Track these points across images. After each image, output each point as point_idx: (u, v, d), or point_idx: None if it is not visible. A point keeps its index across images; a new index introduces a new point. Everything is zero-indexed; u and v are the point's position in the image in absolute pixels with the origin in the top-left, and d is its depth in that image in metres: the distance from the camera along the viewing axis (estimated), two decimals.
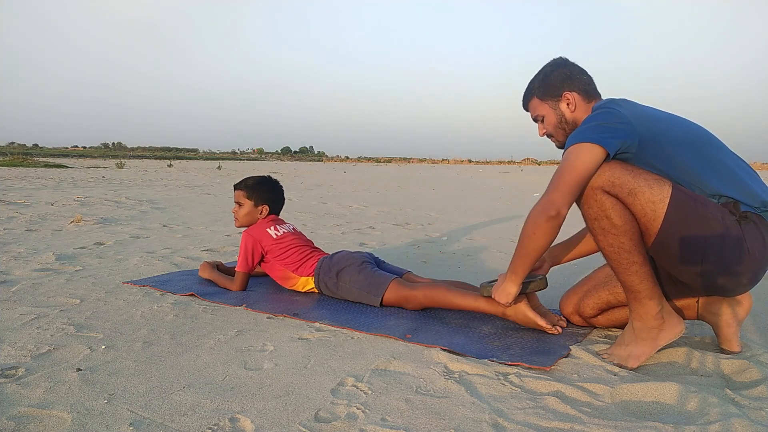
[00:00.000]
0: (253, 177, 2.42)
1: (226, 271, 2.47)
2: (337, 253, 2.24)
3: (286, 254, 2.26)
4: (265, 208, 2.37)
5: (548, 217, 1.44)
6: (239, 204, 2.37)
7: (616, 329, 1.81)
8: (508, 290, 1.64)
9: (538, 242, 1.49)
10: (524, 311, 1.72)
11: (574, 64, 1.65)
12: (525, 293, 1.73)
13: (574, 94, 1.61)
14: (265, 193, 2.39)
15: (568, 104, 1.62)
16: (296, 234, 2.38)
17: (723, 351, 1.59)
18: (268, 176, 2.46)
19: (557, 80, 1.63)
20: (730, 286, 1.47)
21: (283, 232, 2.33)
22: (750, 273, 1.43)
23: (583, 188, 1.44)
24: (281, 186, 2.48)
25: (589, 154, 1.41)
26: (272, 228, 2.33)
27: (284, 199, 2.46)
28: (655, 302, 1.47)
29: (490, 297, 1.73)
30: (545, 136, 1.72)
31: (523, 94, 1.74)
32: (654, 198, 1.40)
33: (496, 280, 1.75)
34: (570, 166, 1.43)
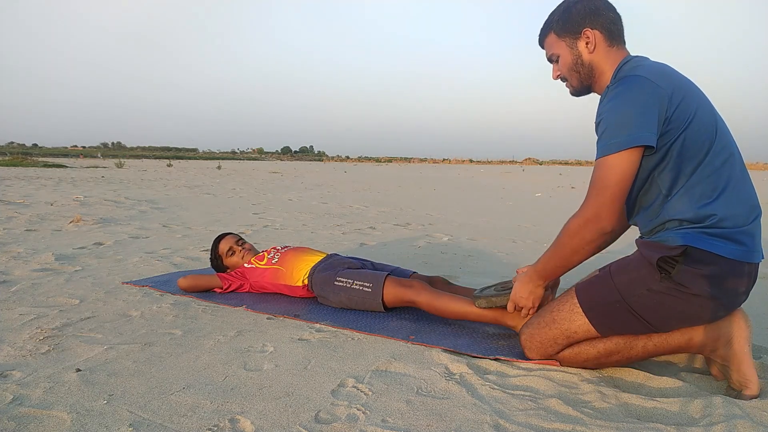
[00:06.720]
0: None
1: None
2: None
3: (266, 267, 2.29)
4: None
5: (600, 235, 1.34)
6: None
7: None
8: (538, 293, 1.54)
9: (585, 256, 1.41)
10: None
11: None
12: (498, 306, 1.67)
13: (596, 32, 1.41)
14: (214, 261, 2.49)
15: (587, 43, 1.43)
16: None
17: (734, 390, 1.35)
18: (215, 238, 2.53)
19: (579, 14, 1.42)
20: (721, 313, 1.35)
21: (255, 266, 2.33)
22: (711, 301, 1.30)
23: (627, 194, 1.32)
24: (215, 241, 2.50)
25: (625, 161, 1.27)
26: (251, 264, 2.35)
27: (217, 256, 2.46)
28: None
29: (492, 307, 1.67)
30: (558, 79, 1.55)
31: (540, 28, 1.54)
32: (573, 318, 1.41)
33: (489, 288, 1.71)
34: (607, 184, 1.29)
